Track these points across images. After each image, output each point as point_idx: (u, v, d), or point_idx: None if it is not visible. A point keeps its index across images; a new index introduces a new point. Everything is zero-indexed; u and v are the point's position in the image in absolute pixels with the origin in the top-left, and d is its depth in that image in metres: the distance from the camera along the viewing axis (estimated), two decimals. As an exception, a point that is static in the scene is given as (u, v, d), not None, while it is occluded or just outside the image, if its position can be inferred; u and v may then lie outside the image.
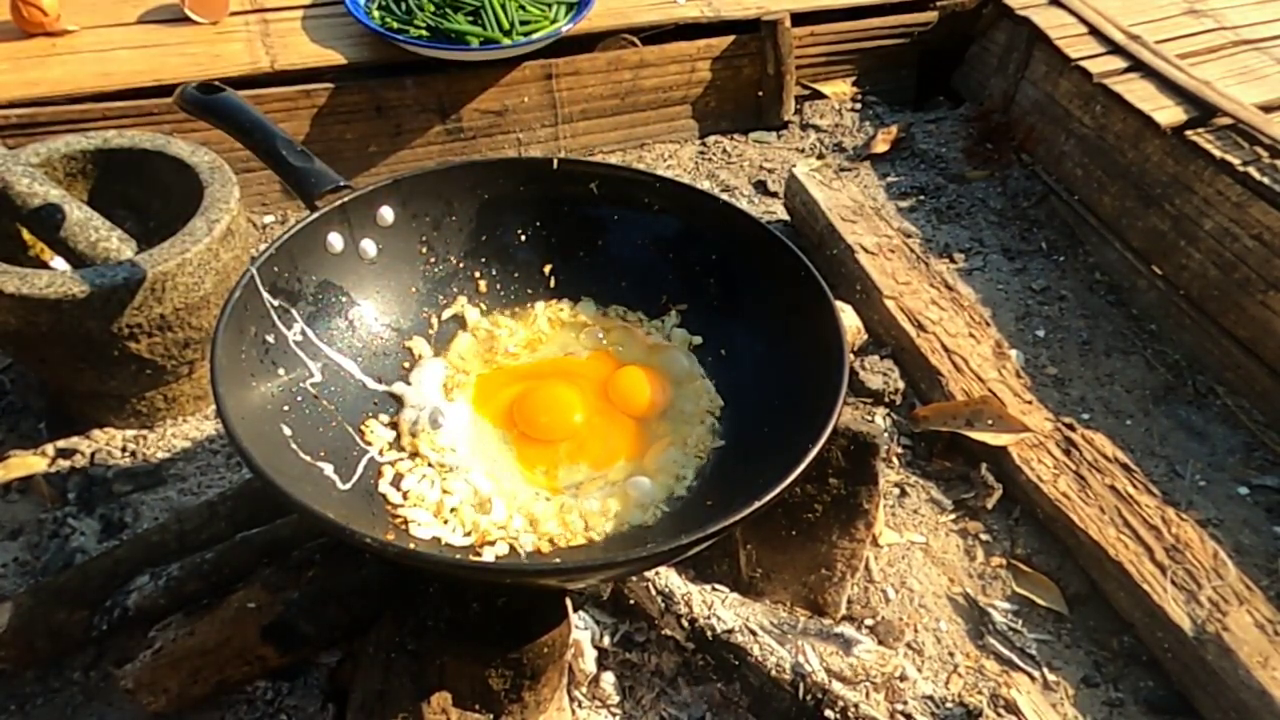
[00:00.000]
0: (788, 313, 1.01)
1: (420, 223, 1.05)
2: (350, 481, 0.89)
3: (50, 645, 1.01)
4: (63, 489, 1.21)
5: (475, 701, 0.86)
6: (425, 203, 1.05)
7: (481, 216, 1.08)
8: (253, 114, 0.98)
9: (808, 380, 0.93)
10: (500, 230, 1.10)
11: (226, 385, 0.81)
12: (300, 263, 0.95)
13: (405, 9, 1.70)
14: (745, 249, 1.05)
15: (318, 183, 0.94)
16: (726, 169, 1.88)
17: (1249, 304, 1.47)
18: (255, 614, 0.94)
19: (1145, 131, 1.62)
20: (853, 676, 1.00)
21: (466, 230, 1.08)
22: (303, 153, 0.96)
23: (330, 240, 0.98)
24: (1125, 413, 1.46)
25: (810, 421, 0.84)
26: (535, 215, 1.10)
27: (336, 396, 0.95)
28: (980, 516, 1.30)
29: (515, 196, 1.08)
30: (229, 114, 0.99)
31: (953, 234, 1.76)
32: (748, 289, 1.06)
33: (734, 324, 1.06)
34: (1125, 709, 1.12)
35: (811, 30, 1.93)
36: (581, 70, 1.79)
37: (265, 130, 0.97)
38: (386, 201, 1.02)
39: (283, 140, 0.96)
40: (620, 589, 1.04)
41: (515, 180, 1.08)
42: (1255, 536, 1.30)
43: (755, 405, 1.01)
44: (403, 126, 1.72)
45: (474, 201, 1.07)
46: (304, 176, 0.94)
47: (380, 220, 1.02)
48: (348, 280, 1.00)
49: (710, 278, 1.09)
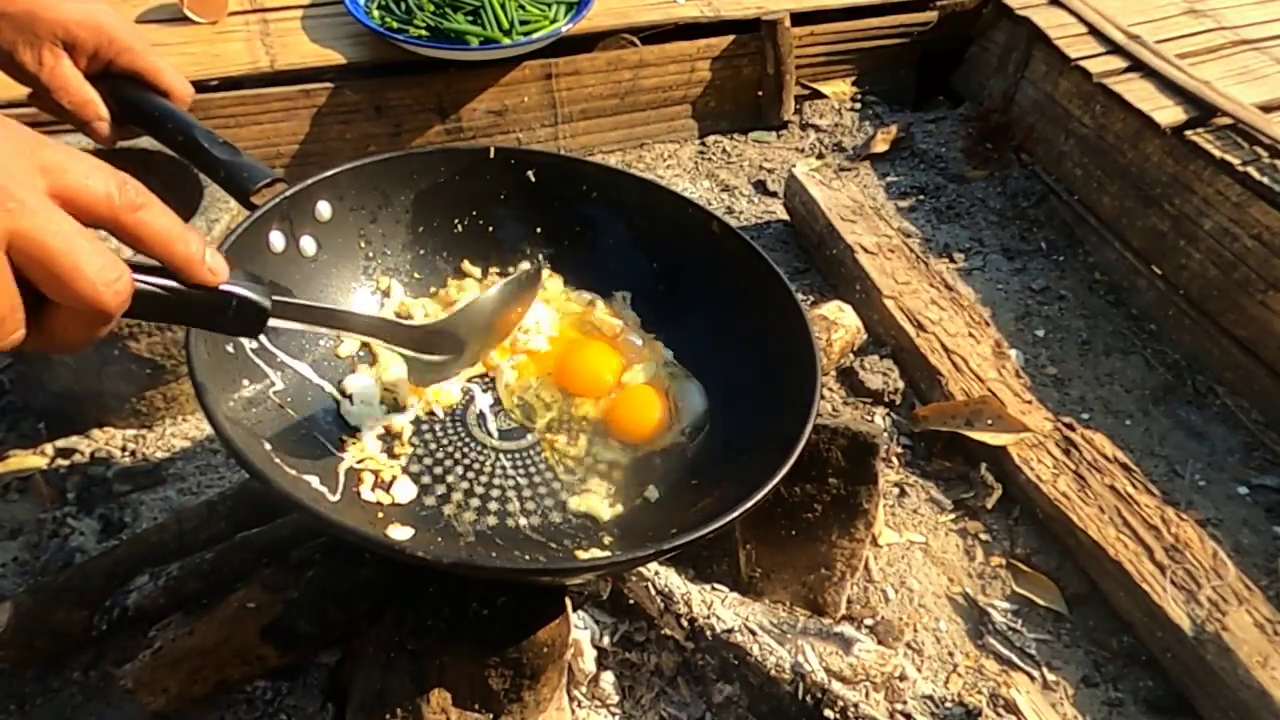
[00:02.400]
0: (741, 299, 1.02)
1: (358, 215, 1.03)
2: (338, 492, 0.88)
3: (50, 645, 1.01)
4: (62, 488, 1.21)
5: (475, 701, 0.86)
6: (361, 196, 1.03)
7: (418, 208, 1.07)
8: (161, 103, 0.86)
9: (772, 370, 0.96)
10: (437, 221, 1.09)
11: (215, 403, 0.78)
12: (245, 266, 0.90)
13: (405, 9, 1.70)
14: (688, 235, 1.05)
15: (250, 177, 0.86)
16: (726, 169, 1.88)
17: (1249, 304, 1.47)
18: (255, 614, 0.94)
19: (1145, 131, 1.62)
20: (852, 676, 1.00)
21: (404, 222, 1.07)
22: (227, 145, 0.87)
23: (272, 239, 0.94)
24: (1125, 412, 1.46)
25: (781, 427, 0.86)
26: (471, 206, 1.09)
27: (301, 404, 0.93)
28: (980, 516, 1.30)
29: (452, 187, 1.07)
30: (133, 106, 0.86)
31: (952, 234, 1.76)
32: (696, 277, 1.07)
33: (688, 316, 1.08)
34: (1125, 709, 1.12)
35: (811, 30, 1.93)
36: (581, 70, 1.79)
37: (179, 121, 0.86)
38: (324, 196, 0.98)
39: (202, 131, 0.86)
40: (620, 588, 1.04)
41: (452, 170, 1.06)
42: (1255, 536, 1.30)
43: (725, 397, 1.02)
44: (402, 126, 1.72)
45: (410, 193, 1.06)
46: (234, 171, 0.86)
47: (318, 215, 0.99)
48: (292, 280, 0.97)
49: (653, 263, 1.10)
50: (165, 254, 0.57)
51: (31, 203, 0.48)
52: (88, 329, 0.53)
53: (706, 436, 1.01)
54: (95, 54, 0.83)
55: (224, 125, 1.60)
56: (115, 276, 0.51)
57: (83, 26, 0.81)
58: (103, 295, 0.50)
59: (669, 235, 1.08)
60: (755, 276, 1.01)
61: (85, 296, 0.50)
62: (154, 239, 0.55)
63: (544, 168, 1.09)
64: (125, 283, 0.52)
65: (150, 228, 0.55)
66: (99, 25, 0.82)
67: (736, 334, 1.04)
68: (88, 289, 0.50)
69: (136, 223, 0.54)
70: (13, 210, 0.47)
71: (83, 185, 0.51)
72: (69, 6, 0.80)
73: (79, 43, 0.81)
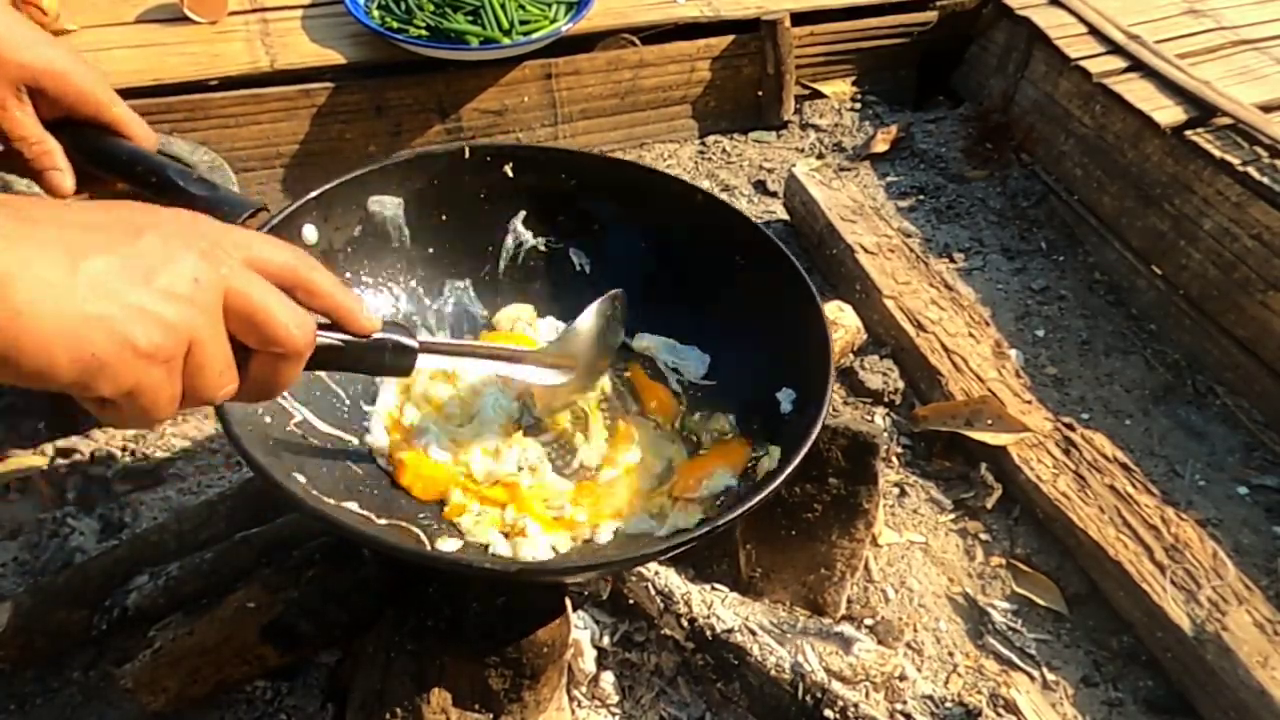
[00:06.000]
0: (741, 275, 1.03)
1: (343, 233, 1.03)
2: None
3: (50, 645, 1.01)
4: (62, 488, 1.21)
5: (475, 701, 0.86)
6: (345, 214, 1.02)
7: (404, 216, 1.07)
8: (129, 147, 0.83)
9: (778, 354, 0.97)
10: (424, 228, 1.09)
11: (251, 443, 0.79)
12: None
13: (405, 8, 1.70)
14: (675, 210, 1.06)
15: (232, 211, 0.83)
16: (726, 169, 1.88)
17: (1249, 304, 1.47)
18: (255, 614, 0.94)
19: (1145, 131, 1.62)
20: (852, 676, 1.00)
21: (393, 233, 1.07)
22: (202, 181, 0.84)
23: (306, 233, 0.95)
24: (1125, 412, 1.46)
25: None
26: (455, 207, 1.09)
27: (318, 433, 0.94)
28: (980, 516, 1.30)
29: (431, 191, 1.07)
30: (101, 153, 0.83)
31: (952, 234, 1.76)
32: (689, 256, 1.07)
33: (682, 295, 1.09)
34: (1125, 708, 1.12)
35: (811, 30, 1.93)
36: (581, 70, 1.79)
37: (151, 162, 0.83)
38: (307, 219, 0.98)
39: (176, 170, 0.83)
40: (620, 588, 1.04)
41: (429, 175, 1.06)
42: (1255, 536, 1.30)
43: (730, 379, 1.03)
44: (402, 126, 1.72)
45: (394, 200, 1.06)
46: (215, 207, 0.82)
47: (305, 240, 0.98)
48: None
49: (642, 242, 1.10)
50: (334, 306, 0.67)
51: (237, 268, 0.58)
52: (284, 372, 0.62)
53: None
54: (56, 102, 0.80)
55: (224, 125, 1.60)
56: (302, 322, 0.62)
57: (46, 74, 0.79)
58: (295, 337, 0.61)
59: (657, 213, 1.08)
60: (750, 247, 1.02)
61: (282, 339, 0.60)
62: (326, 295, 0.66)
63: (520, 160, 1.09)
64: (310, 328, 0.63)
65: (322, 286, 0.65)
66: (63, 73, 0.79)
67: (738, 315, 1.05)
68: (283, 333, 0.60)
69: (311, 282, 0.64)
70: (225, 275, 0.57)
71: (271, 254, 0.61)
72: (33, 53, 0.78)
73: (43, 90, 0.79)
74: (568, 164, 1.09)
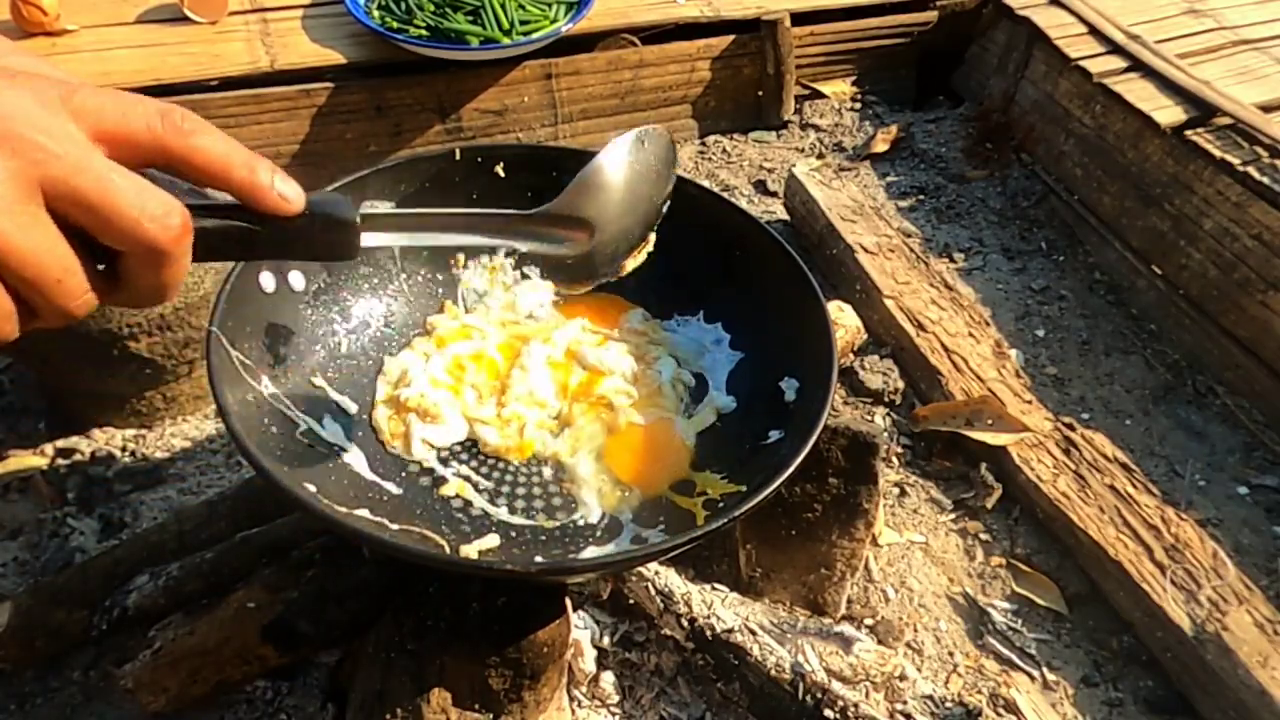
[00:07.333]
0: (739, 267, 1.03)
1: None
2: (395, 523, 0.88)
3: (50, 645, 1.01)
4: (62, 488, 1.21)
5: (475, 701, 0.86)
6: None
7: None
8: None
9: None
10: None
11: (266, 458, 0.77)
12: (242, 311, 0.89)
13: (405, 8, 1.70)
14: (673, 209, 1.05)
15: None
16: (726, 168, 1.88)
17: (1249, 304, 1.47)
18: (255, 614, 0.94)
19: (1145, 131, 1.62)
20: (852, 676, 1.00)
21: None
22: (193, 190, 0.79)
23: (262, 281, 0.92)
24: (1125, 412, 1.46)
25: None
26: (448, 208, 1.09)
27: (323, 437, 0.93)
28: (980, 516, 1.30)
29: (424, 194, 1.06)
30: None
31: (952, 234, 1.76)
32: (685, 248, 1.05)
33: (681, 301, 1.09)
34: (1125, 708, 1.12)
35: (811, 30, 1.93)
36: (581, 70, 1.79)
37: None
38: None
39: (185, 189, 0.78)
40: (620, 588, 1.04)
41: (421, 178, 1.05)
42: (1255, 536, 1.30)
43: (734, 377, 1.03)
44: (402, 126, 1.72)
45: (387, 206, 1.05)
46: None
47: None
48: (285, 317, 0.95)
49: None
50: (225, 182, 0.52)
51: (61, 149, 0.46)
52: (156, 273, 0.50)
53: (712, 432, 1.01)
54: None
55: (224, 125, 1.60)
56: (162, 211, 0.48)
57: None
58: (149, 230, 0.48)
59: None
60: (747, 239, 1.03)
61: (130, 233, 0.48)
62: (209, 167, 0.51)
63: (510, 160, 1.08)
64: (177, 217, 0.49)
65: (204, 155, 0.51)
66: None
67: (738, 309, 1.05)
68: (130, 225, 0.47)
69: (187, 150, 0.50)
70: (40, 160, 0.45)
71: (120, 122, 0.48)
72: None
73: None
74: (559, 162, 1.09)
